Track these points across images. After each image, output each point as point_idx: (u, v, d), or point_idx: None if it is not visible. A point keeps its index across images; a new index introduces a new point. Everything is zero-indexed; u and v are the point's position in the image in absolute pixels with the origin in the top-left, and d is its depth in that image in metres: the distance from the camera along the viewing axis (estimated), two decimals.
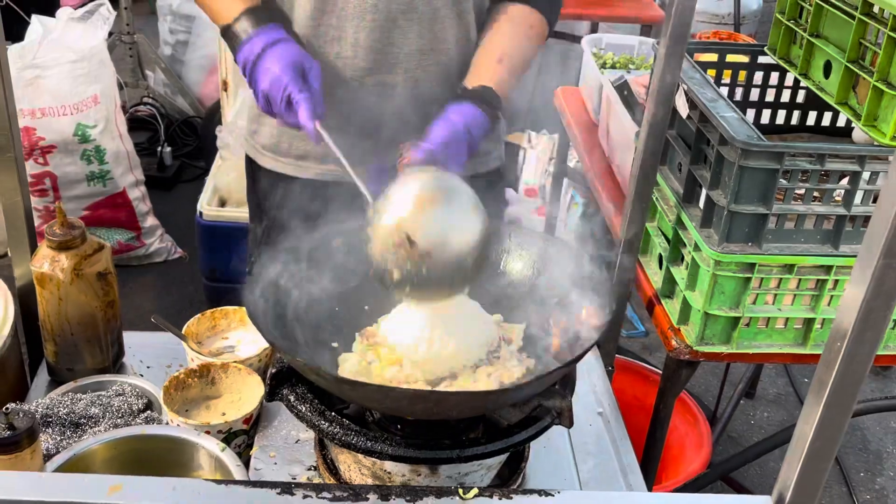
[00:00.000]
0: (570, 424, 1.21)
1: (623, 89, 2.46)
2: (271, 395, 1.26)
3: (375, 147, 1.53)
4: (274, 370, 1.26)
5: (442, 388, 1.24)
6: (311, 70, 1.47)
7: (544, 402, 1.21)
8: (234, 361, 1.52)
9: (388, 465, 1.23)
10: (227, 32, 1.51)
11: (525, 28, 1.62)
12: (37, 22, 3.34)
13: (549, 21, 1.65)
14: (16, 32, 3.33)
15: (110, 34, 3.71)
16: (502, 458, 1.30)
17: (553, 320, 1.35)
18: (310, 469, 1.40)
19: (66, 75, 3.31)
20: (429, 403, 1.14)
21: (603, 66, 2.83)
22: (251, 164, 1.80)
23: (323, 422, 1.20)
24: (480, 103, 1.50)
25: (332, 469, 1.33)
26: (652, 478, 2.01)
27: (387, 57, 1.57)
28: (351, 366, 1.29)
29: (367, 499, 1.06)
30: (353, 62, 1.58)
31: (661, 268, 1.96)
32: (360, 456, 1.23)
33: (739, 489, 2.76)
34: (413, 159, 1.38)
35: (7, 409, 1.20)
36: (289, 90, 1.43)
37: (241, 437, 1.44)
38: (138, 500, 1.00)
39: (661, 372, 2.01)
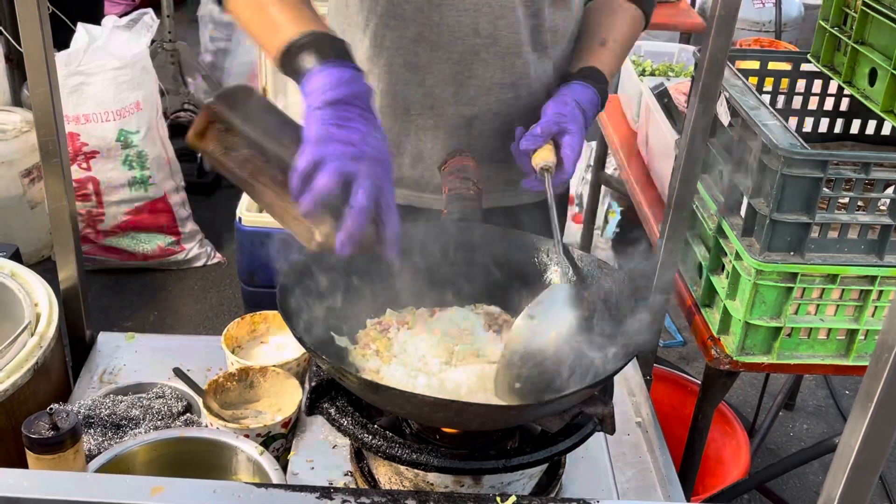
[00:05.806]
0: (612, 431, 1.22)
1: (663, 97, 2.44)
2: (311, 408, 1.23)
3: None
4: (314, 383, 1.24)
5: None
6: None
7: (586, 409, 1.21)
8: (273, 365, 1.53)
9: (431, 477, 1.22)
10: (288, 58, 1.22)
11: (623, 14, 1.65)
12: (82, 30, 3.41)
13: (645, 13, 1.67)
14: (62, 40, 3.39)
15: (152, 42, 3.77)
16: (544, 465, 1.29)
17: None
18: (346, 475, 1.40)
19: (109, 82, 3.37)
20: (450, 413, 1.12)
21: (642, 73, 2.82)
22: None
23: (366, 435, 1.19)
24: (589, 81, 1.52)
25: (369, 477, 1.33)
26: (690, 488, 1.99)
27: (467, 90, 1.58)
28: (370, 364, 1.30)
29: None
30: (434, 91, 1.58)
31: (700, 277, 1.94)
32: (402, 468, 1.22)
33: (779, 502, 2.71)
34: (531, 140, 1.42)
35: (51, 409, 1.22)
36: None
37: (280, 441, 1.45)
38: (179, 502, 1.01)
39: (699, 382, 1.99)
